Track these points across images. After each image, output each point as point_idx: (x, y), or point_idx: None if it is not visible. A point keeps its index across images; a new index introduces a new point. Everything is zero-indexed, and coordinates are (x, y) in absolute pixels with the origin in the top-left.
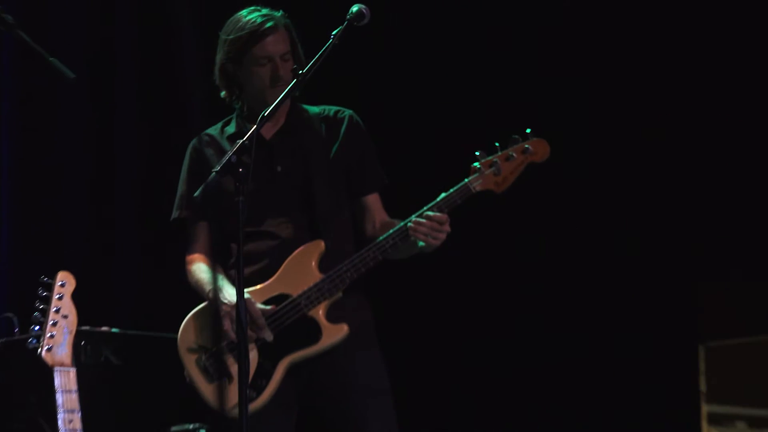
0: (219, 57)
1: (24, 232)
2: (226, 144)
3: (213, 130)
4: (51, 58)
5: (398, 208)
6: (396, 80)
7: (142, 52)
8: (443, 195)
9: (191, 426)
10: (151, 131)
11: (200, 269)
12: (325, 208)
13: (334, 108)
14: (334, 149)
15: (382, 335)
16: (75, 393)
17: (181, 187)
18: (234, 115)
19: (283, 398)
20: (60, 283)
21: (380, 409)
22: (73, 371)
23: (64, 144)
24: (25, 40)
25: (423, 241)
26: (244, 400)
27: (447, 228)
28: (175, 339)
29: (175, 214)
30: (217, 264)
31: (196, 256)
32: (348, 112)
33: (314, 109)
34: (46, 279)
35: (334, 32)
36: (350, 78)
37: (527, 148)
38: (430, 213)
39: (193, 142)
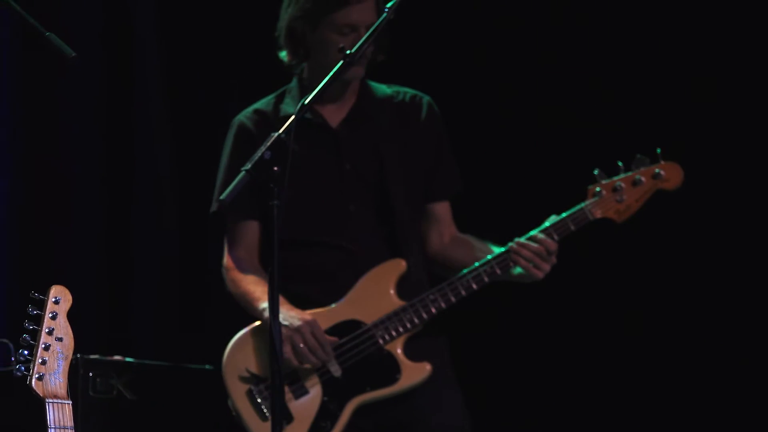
0: (289, 11)
1: (25, 245)
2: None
3: (263, 105)
4: (48, 33)
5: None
6: (472, 64)
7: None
8: (554, 219)
9: None
10: (179, 125)
11: (246, 279)
12: (405, 218)
13: (410, 92)
14: (411, 142)
15: None
16: (71, 430)
17: (222, 175)
18: (292, 86)
19: None
20: (53, 299)
21: None
22: (68, 405)
23: (72, 141)
24: (20, 12)
25: (524, 268)
26: None
27: (554, 259)
28: (204, 371)
29: (213, 207)
30: (265, 273)
31: (239, 261)
32: (426, 98)
33: (386, 90)
34: (36, 295)
35: (388, 5)
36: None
37: (658, 173)
38: (540, 236)
39: (239, 118)
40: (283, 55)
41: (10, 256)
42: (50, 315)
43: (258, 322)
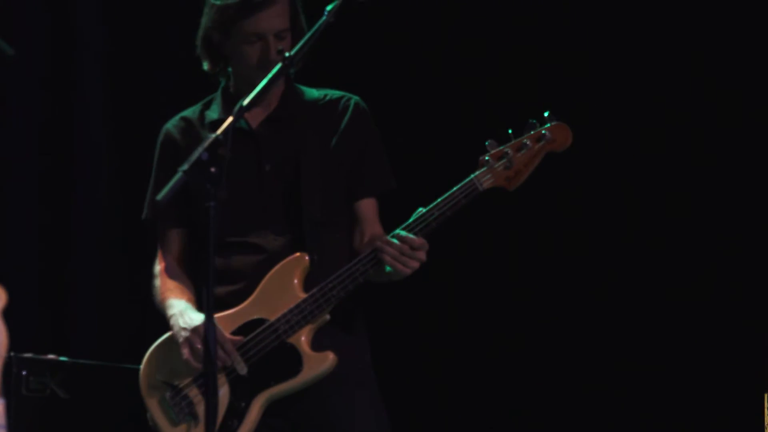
0: (204, 21)
1: None
2: (205, 132)
3: (190, 113)
4: None
5: (398, 211)
6: (394, 58)
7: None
8: (445, 195)
9: None
10: (118, 116)
11: (166, 287)
12: (312, 216)
13: (337, 93)
14: (333, 143)
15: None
16: (4, 429)
17: (152, 184)
18: (217, 94)
19: None
20: None
21: None
22: (2, 403)
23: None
24: None
25: (390, 265)
26: None
27: (421, 256)
28: (138, 370)
29: (144, 214)
30: (189, 280)
31: (164, 268)
32: (354, 98)
33: (314, 93)
34: None
35: (328, 7)
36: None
37: (544, 134)
38: (402, 233)
39: (166, 127)
40: (206, 66)
41: None
42: None
43: (170, 332)
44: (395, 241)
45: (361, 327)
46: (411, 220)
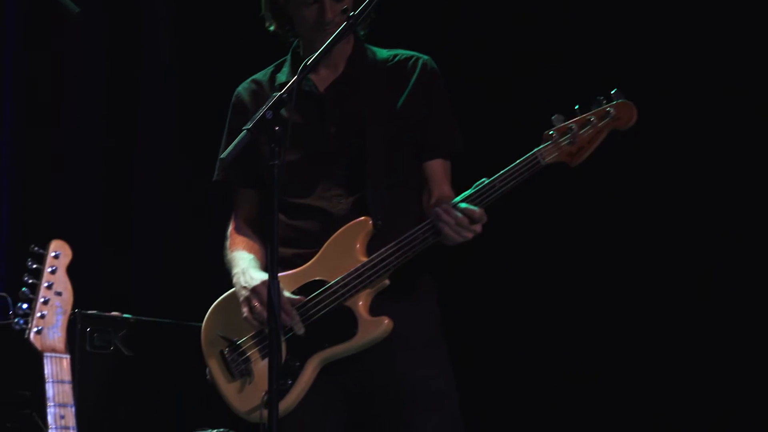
0: None
1: (27, 201)
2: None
3: (261, 76)
4: None
5: (460, 179)
6: (467, 26)
7: None
8: (507, 168)
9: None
10: (182, 82)
11: (234, 246)
12: (377, 179)
13: (407, 53)
14: (399, 104)
15: None
16: (69, 384)
17: (223, 145)
18: (287, 56)
19: (325, 402)
20: (53, 253)
21: (444, 421)
22: (66, 359)
23: (77, 101)
24: None
25: (445, 234)
26: (274, 400)
27: (477, 228)
28: (200, 328)
29: (215, 175)
30: (258, 239)
31: (234, 228)
32: (424, 58)
33: (383, 54)
34: (36, 248)
35: None
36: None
37: (609, 111)
38: (463, 205)
39: (237, 90)
40: (271, 27)
41: (11, 210)
42: (50, 269)
43: (233, 289)
44: (455, 211)
45: (429, 293)
46: (472, 190)
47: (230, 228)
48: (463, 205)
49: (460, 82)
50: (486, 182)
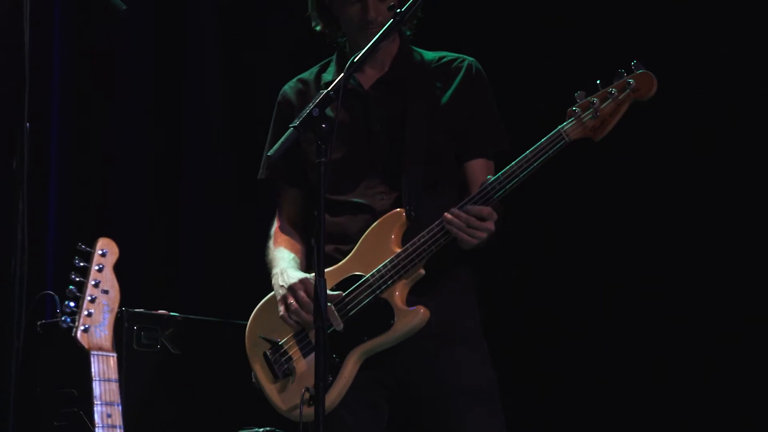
0: None
1: (74, 199)
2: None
3: (307, 75)
4: None
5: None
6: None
7: None
8: (532, 147)
9: (261, 430)
10: (231, 86)
11: (277, 247)
12: (415, 178)
13: (453, 55)
14: (442, 104)
15: None
16: (115, 383)
17: (268, 144)
18: (333, 56)
19: (366, 397)
20: (100, 251)
21: (485, 416)
22: (113, 357)
23: (125, 105)
24: None
25: (457, 237)
26: (321, 397)
27: (489, 225)
28: (246, 326)
29: (260, 173)
30: (300, 238)
31: (277, 228)
32: (469, 59)
33: (429, 55)
34: (83, 247)
35: None
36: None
37: (629, 83)
38: (467, 205)
39: (284, 89)
40: (318, 28)
41: (58, 208)
42: (97, 267)
43: (273, 292)
44: (462, 212)
45: (468, 287)
46: (477, 191)
47: (274, 227)
48: (469, 205)
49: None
50: (491, 180)
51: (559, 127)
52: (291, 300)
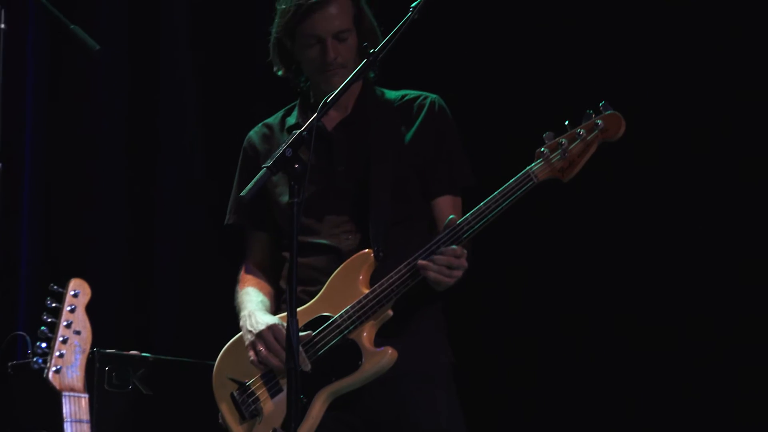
0: (273, 28)
1: (47, 237)
2: (284, 136)
3: (272, 120)
4: (72, 26)
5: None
6: (454, 53)
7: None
8: (501, 188)
9: None
10: (207, 123)
11: (245, 290)
12: (381, 217)
13: (415, 93)
14: (406, 142)
15: None
16: (87, 424)
17: (235, 189)
18: (297, 101)
19: None
20: (72, 292)
21: None
22: (85, 398)
23: (99, 138)
24: (43, 4)
25: (434, 280)
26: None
27: (463, 263)
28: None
29: (227, 219)
30: (268, 281)
31: (244, 271)
32: (432, 97)
33: (392, 94)
34: (55, 288)
35: (413, 4)
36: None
37: (598, 123)
38: (442, 248)
39: (249, 134)
40: (280, 72)
41: (30, 249)
42: (69, 308)
43: (240, 333)
44: (439, 256)
45: (439, 325)
46: (443, 232)
47: (242, 271)
48: (443, 247)
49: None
50: (458, 221)
51: (528, 167)
52: (260, 347)
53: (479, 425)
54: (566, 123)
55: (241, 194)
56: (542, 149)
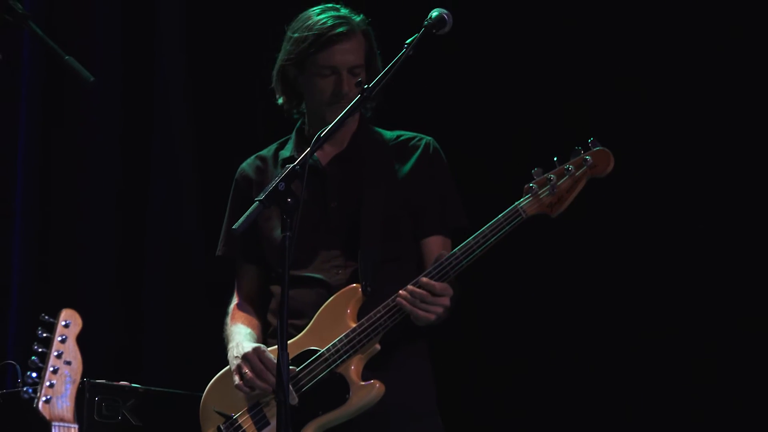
0: (281, 55)
1: (37, 269)
2: (278, 170)
3: (265, 152)
4: (67, 57)
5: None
6: (442, 89)
7: (190, 37)
8: (489, 223)
9: None
10: (197, 167)
11: (234, 323)
12: (371, 254)
13: (410, 134)
14: (399, 181)
15: None
16: None
17: (226, 221)
18: (292, 134)
19: None
20: (63, 323)
21: None
22: (75, 428)
23: (91, 164)
24: (38, 34)
25: (411, 313)
26: None
27: (444, 301)
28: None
29: (218, 250)
30: (257, 315)
31: (235, 305)
32: (426, 138)
33: (388, 134)
34: (47, 318)
35: (408, 41)
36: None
37: (587, 159)
38: (422, 279)
39: (242, 166)
40: (280, 101)
41: (21, 278)
42: (60, 338)
43: (228, 366)
44: (415, 288)
45: (424, 361)
46: (432, 266)
47: (232, 304)
48: (423, 280)
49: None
50: (446, 255)
51: (516, 203)
52: (245, 369)
53: None
54: (555, 159)
55: (233, 228)
56: (531, 185)
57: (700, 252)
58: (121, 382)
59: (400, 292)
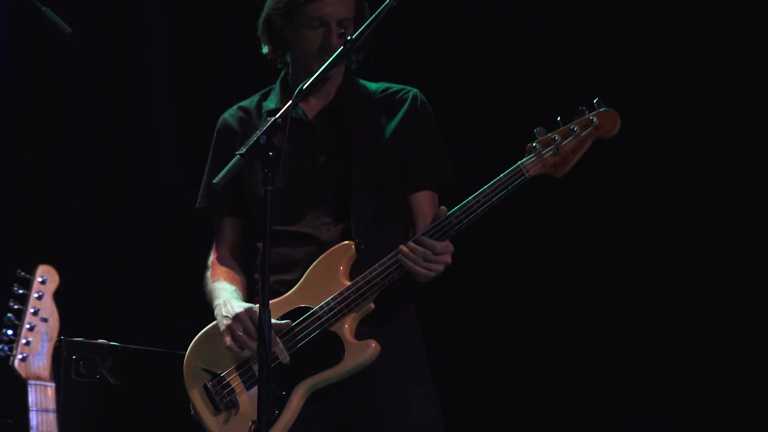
0: (268, 4)
1: (14, 225)
2: (261, 121)
3: (248, 103)
4: (44, 8)
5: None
6: (444, 47)
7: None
8: (491, 182)
9: None
10: (178, 115)
11: (215, 277)
12: (362, 209)
13: (396, 86)
14: (387, 135)
15: None
16: (53, 413)
17: (207, 172)
18: (276, 84)
19: None
20: (40, 279)
21: None
22: (51, 387)
23: (69, 132)
24: None
25: (411, 270)
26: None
27: (446, 259)
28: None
29: (198, 202)
30: (240, 270)
31: (216, 258)
32: (413, 91)
33: (373, 86)
34: (23, 273)
35: None
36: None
37: (592, 120)
38: (423, 237)
39: (223, 117)
40: (265, 50)
41: None
42: (36, 295)
43: (214, 322)
44: (417, 245)
45: (413, 322)
46: (431, 224)
47: (212, 257)
48: (423, 238)
49: (441, 100)
50: (448, 213)
51: (519, 162)
52: (238, 329)
53: (457, 419)
54: (558, 119)
55: (213, 181)
56: (534, 144)
57: (699, 251)
58: (100, 340)
59: (402, 248)
